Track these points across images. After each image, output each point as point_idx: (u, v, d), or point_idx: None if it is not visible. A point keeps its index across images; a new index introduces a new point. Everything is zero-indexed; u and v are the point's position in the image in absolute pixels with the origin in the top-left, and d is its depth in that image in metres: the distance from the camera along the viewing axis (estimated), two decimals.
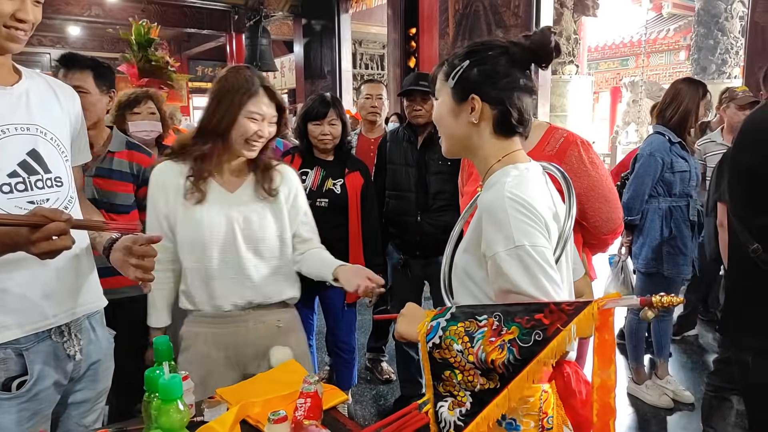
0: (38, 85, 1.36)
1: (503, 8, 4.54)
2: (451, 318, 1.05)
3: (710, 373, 2.42)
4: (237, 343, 1.63)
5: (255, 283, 1.61)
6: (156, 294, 1.65)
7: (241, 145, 1.56)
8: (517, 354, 0.95)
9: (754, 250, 1.64)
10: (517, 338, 0.96)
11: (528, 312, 0.97)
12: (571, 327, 0.94)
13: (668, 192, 2.87)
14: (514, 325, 0.97)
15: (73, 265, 1.36)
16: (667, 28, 14.55)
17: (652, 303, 0.92)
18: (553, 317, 0.95)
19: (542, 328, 0.95)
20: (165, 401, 1.08)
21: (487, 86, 1.14)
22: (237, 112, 1.53)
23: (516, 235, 1.04)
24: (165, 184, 1.60)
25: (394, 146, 2.88)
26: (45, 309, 1.29)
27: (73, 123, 1.43)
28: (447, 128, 1.22)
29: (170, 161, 1.62)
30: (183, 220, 1.58)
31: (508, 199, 1.06)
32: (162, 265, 1.62)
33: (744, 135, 1.72)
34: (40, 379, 1.28)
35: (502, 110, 1.14)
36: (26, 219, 1.09)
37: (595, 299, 0.96)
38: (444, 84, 1.21)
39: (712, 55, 8.29)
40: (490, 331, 0.99)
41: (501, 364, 0.96)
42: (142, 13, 9.70)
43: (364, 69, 10.74)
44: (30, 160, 1.27)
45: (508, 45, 1.16)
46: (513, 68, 1.15)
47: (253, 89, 1.55)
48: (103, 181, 2.07)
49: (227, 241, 1.58)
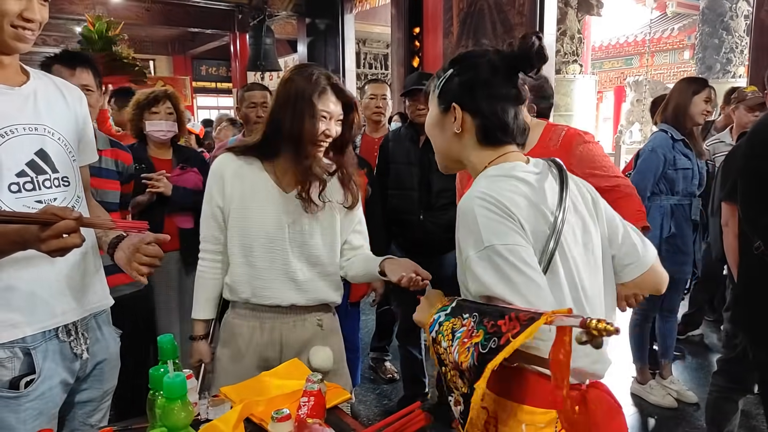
0: (46, 86, 1.37)
1: (508, 7, 4.53)
2: (450, 313, 1.03)
3: (715, 373, 2.42)
4: (275, 340, 1.62)
5: (299, 286, 1.60)
6: (201, 284, 1.67)
7: (309, 145, 1.55)
8: (476, 360, 0.91)
9: (756, 247, 1.64)
10: (480, 342, 0.91)
11: (494, 316, 0.93)
12: (519, 339, 0.85)
13: (671, 190, 2.87)
14: (481, 328, 0.93)
15: (81, 263, 1.37)
16: (672, 27, 14.50)
17: (586, 326, 0.81)
18: (510, 325, 0.89)
19: (498, 336, 0.89)
20: (169, 399, 1.08)
21: (466, 96, 1.13)
22: (312, 116, 1.51)
23: (485, 235, 1.00)
24: (223, 175, 1.60)
25: (397, 145, 2.89)
26: (53, 307, 1.30)
27: (80, 123, 1.44)
28: (435, 140, 1.23)
29: (231, 153, 1.62)
30: (235, 214, 1.59)
31: (476, 199, 1.04)
32: (210, 255, 1.66)
33: (754, 136, 1.72)
34: (47, 378, 1.29)
35: (483, 120, 1.12)
36: (36, 216, 1.11)
37: (545, 313, 0.87)
38: (433, 94, 1.21)
39: (716, 54, 8.25)
40: (466, 332, 0.96)
41: (466, 367, 0.93)
42: (146, 12, 9.73)
43: (367, 68, 10.74)
44: (38, 160, 1.29)
45: (491, 53, 1.14)
46: (495, 77, 1.12)
47: (320, 88, 1.53)
48: (95, 180, 2.05)
49: (275, 241, 1.58)
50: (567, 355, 0.85)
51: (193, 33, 12.36)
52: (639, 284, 1.21)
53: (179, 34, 13.22)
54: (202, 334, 1.68)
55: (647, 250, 1.20)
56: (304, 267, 1.61)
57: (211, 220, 1.63)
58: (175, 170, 2.60)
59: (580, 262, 1.10)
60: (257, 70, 8.07)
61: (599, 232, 1.16)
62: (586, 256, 1.12)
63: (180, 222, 2.58)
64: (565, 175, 1.12)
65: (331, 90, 1.56)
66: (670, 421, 2.94)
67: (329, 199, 1.62)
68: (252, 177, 1.59)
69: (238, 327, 1.64)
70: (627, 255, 1.18)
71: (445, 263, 2.79)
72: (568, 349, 0.84)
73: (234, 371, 1.60)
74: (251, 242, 1.58)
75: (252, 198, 1.58)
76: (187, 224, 2.59)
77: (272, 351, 1.62)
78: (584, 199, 1.16)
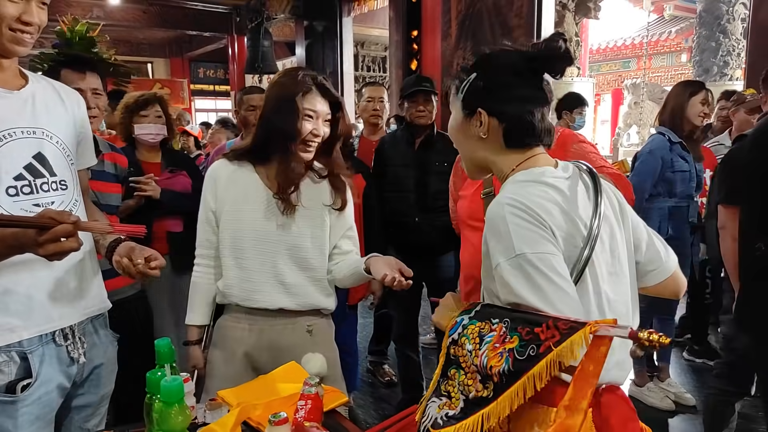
0: (44, 89, 1.37)
1: (506, 10, 4.54)
2: (474, 316, 1.03)
3: (713, 376, 2.42)
4: (264, 343, 1.62)
5: (288, 289, 1.60)
6: (196, 289, 1.67)
7: (297, 146, 1.55)
8: (511, 365, 0.90)
9: (757, 248, 1.64)
10: (515, 349, 0.91)
11: (530, 323, 0.93)
12: (562, 348, 0.86)
13: (669, 192, 2.88)
14: (515, 335, 0.92)
15: (78, 267, 1.37)
16: (669, 30, 14.54)
17: (638, 338, 0.81)
18: (548, 333, 0.88)
19: (537, 344, 0.89)
20: (167, 403, 1.08)
21: (492, 99, 1.10)
22: (300, 115, 1.52)
23: (516, 243, 0.99)
24: (216, 180, 1.62)
25: (393, 148, 2.91)
26: (50, 311, 1.30)
27: (78, 126, 1.44)
28: (460, 146, 1.20)
29: (224, 159, 1.65)
30: (227, 216, 1.60)
31: (507, 206, 1.02)
32: (205, 260, 1.67)
33: (756, 138, 1.72)
34: (44, 382, 1.28)
35: (509, 123, 1.10)
36: (34, 220, 1.10)
37: (589, 322, 0.87)
38: (455, 97, 1.18)
39: (714, 57, 8.27)
40: (497, 337, 0.95)
41: (497, 372, 0.92)
42: (143, 14, 9.73)
43: (366, 71, 10.74)
44: (36, 164, 1.29)
45: (515, 55, 1.12)
46: (520, 79, 1.10)
47: (305, 87, 1.54)
48: (98, 183, 2.07)
49: (265, 244, 1.58)
50: (598, 366, 0.84)
51: (190, 35, 12.37)
52: (660, 290, 1.22)
53: (177, 36, 13.21)
54: (196, 340, 1.68)
55: (669, 257, 1.21)
56: (294, 270, 1.61)
57: (205, 225, 1.65)
58: (165, 173, 2.59)
59: (606, 270, 1.08)
60: (255, 73, 8.07)
61: (625, 238, 1.14)
62: (612, 263, 1.10)
63: (169, 225, 2.57)
64: (599, 182, 1.11)
65: (317, 89, 1.56)
66: (668, 423, 2.94)
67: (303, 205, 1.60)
68: (244, 181, 1.61)
69: (229, 329, 1.64)
70: (651, 261, 1.19)
71: (442, 265, 2.80)
72: (601, 361, 0.84)
73: (225, 373, 1.60)
74: (242, 244, 1.58)
75: (244, 201, 1.59)
76: (177, 228, 2.59)
77: (262, 354, 1.62)
78: (611, 204, 1.15)
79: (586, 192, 1.10)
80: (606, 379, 1.02)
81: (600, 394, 1.02)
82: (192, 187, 2.63)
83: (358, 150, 3.31)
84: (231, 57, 10.39)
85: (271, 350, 1.62)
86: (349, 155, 2.75)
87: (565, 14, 7.19)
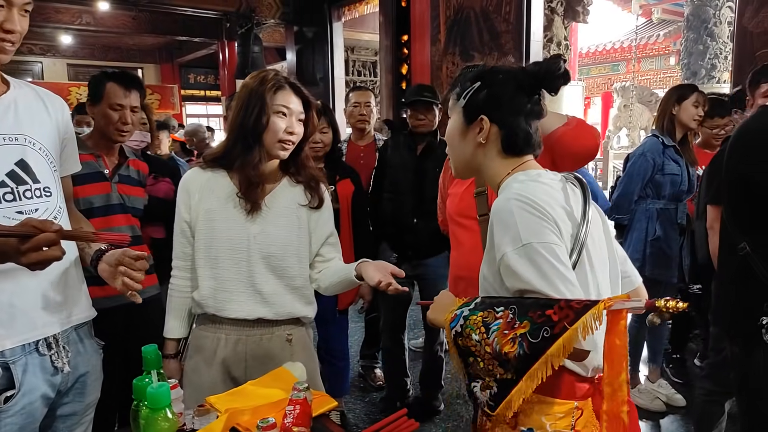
0: (26, 95, 1.35)
1: (494, 15, 4.56)
2: (474, 308, 1.08)
3: (702, 377, 2.44)
4: (240, 354, 1.58)
5: (266, 298, 1.56)
6: (172, 302, 1.64)
7: (274, 145, 1.53)
8: (526, 349, 0.96)
9: (741, 248, 1.66)
10: (528, 333, 0.96)
11: (540, 307, 0.98)
12: (578, 326, 0.92)
13: (657, 194, 2.90)
14: (526, 320, 0.98)
15: (63, 276, 1.35)
16: (657, 33, 14.67)
17: (656, 307, 0.88)
18: (562, 314, 0.94)
19: (550, 325, 0.94)
20: (153, 410, 1.07)
21: (494, 108, 1.19)
22: (268, 109, 1.50)
23: (523, 233, 1.05)
24: (189, 189, 1.59)
25: (395, 151, 3.01)
26: (33, 320, 1.28)
27: (61, 133, 1.42)
28: (455, 148, 1.28)
29: (198, 168, 1.61)
30: (201, 226, 1.56)
31: (514, 200, 1.09)
32: (181, 272, 1.63)
33: (735, 141, 1.75)
34: (28, 392, 1.26)
35: (508, 131, 1.19)
36: (16, 229, 1.09)
37: (602, 299, 0.94)
38: (456, 103, 1.26)
39: (701, 60, 8.35)
40: (504, 324, 1.00)
41: (513, 356, 0.98)
42: (133, 20, 9.70)
43: (356, 76, 10.75)
44: (18, 170, 1.26)
45: (517, 71, 1.21)
46: (520, 92, 1.19)
47: (276, 84, 1.52)
48: (126, 187, 2.16)
49: (240, 252, 1.54)
50: (623, 338, 0.92)
51: (180, 41, 12.35)
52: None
53: (167, 42, 13.19)
54: (173, 353, 1.64)
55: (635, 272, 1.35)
56: (270, 279, 1.57)
57: (180, 236, 1.61)
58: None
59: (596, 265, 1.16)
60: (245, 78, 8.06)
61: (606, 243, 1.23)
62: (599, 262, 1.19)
63: (152, 232, 2.59)
64: (586, 189, 1.19)
65: (289, 87, 1.55)
66: (659, 424, 2.95)
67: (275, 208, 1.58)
68: (218, 188, 1.57)
69: (203, 339, 1.60)
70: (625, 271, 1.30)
71: (433, 264, 2.87)
72: (624, 334, 0.91)
73: (199, 383, 1.56)
74: (216, 254, 1.55)
75: (218, 209, 1.55)
76: (159, 234, 2.60)
77: (239, 364, 1.59)
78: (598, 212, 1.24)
79: (576, 195, 1.18)
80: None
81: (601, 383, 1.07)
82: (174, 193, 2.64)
83: (345, 155, 3.32)
84: (221, 62, 10.38)
85: (248, 360, 1.58)
86: (338, 160, 2.77)
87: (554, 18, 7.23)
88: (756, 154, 1.64)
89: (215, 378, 1.57)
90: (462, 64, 4.89)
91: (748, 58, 3.78)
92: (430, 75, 5.21)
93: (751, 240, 1.64)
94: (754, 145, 1.66)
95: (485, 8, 4.62)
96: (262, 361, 1.58)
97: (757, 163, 1.62)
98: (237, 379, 1.58)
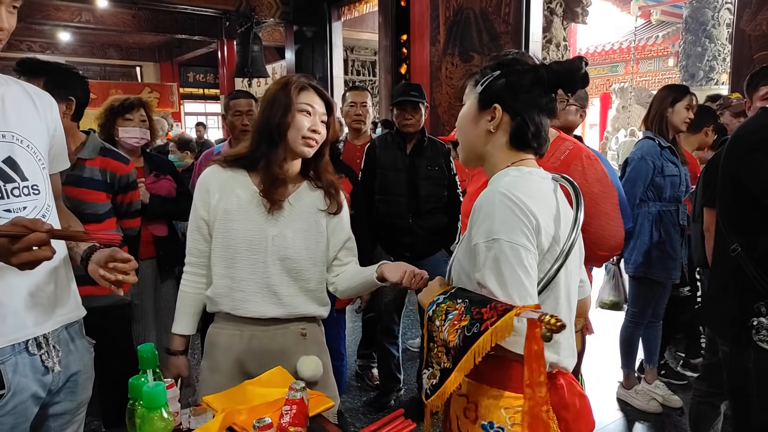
0: (14, 92, 1.33)
1: (493, 16, 4.57)
2: (448, 296, 1.12)
3: (697, 378, 2.44)
4: (254, 349, 1.59)
5: (281, 299, 1.57)
6: (183, 299, 1.64)
7: (297, 141, 1.53)
8: (461, 341, 1.01)
9: (733, 249, 1.67)
10: (466, 327, 1.02)
11: (481, 304, 1.03)
12: (493, 331, 0.97)
13: (658, 196, 2.90)
14: (468, 314, 1.03)
15: (52, 275, 1.33)
16: (656, 35, 14.69)
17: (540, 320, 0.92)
18: (490, 314, 0.99)
19: (481, 322, 0.99)
20: (149, 409, 1.07)
21: (509, 97, 1.17)
22: (292, 107, 1.52)
23: (497, 228, 1.06)
24: (209, 187, 1.58)
25: (384, 152, 2.97)
26: (23, 319, 1.26)
27: (50, 130, 1.40)
28: (465, 134, 1.26)
29: (217, 165, 1.61)
30: (219, 225, 1.56)
31: (499, 193, 1.09)
32: (193, 268, 1.63)
33: (732, 142, 1.75)
34: (17, 392, 1.25)
35: (519, 122, 1.17)
36: (6, 229, 1.08)
37: (517, 306, 0.99)
38: (472, 90, 1.24)
39: (700, 62, 8.38)
40: (457, 315, 1.05)
41: (453, 346, 1.03)
42: (132, 19, 9.70)
43: (355, 75, 10.76)
44: (6, 168, 1.25)
45: (538, 65, 1.19)
46: (538, 87, 1.17)
47: (300, 85, 1.54)
48: (73, 189, 2.03)
49: (257, 253, 1.55)
50: (540, 344, 0.95)
51: (180, 40, 12.35)
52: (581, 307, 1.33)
53: (166, 40, 13.19)
54: (181, 350, 1.65)
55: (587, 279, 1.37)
56: (285, 280, 1.58)
57: (196, 233, 1.61)
58: (149, 177, 2.58)
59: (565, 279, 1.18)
60: (245, 77, 8.07)
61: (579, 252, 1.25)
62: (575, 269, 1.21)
63: (155, 230, 2.57)
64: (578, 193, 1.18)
65: (312, 89, 1.57)
66: (655, 425, 2.95)
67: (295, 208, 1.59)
68: (238, 188, 1.57)
69: (219, 337, 1.61)
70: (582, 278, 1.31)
71: (431, 263, 2.87)
72: (540, 340, 0.95)
73: (215, 382, 1.57)
74: (234, 254, 1.55)
75: (237, 209, 1.56)
76: (162, 232, 2.59)
77: (253, 360, 1.60)
78: None
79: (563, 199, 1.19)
80: (562, 365, 1.16)
81: (556, 378, 1.14)
82: (177, 191, 2.64)
83: (342, 154, 3.32)
84: (221, 61, 10.38)
85: (263, 355, 1.59)
86: (336, 159, 2.77)
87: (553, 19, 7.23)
88: (751, 154, 1.64)
89: (231, 375, 1.58)
90: (461, 64, 4.91)
91: (745, 61, 3.80)
92: (429, 75, 5.22)
93: (744, 241, 1.65)
94: (750, 146, 1.66)
95: (485, 9, 4.63)
96: (277, 356, 1.59)
97: (751, 163, 1.62)
98: (252, 375, 1.57)
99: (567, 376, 1.17)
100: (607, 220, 1.78)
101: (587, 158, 1.78)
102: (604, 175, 1.81)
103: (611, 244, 1.82)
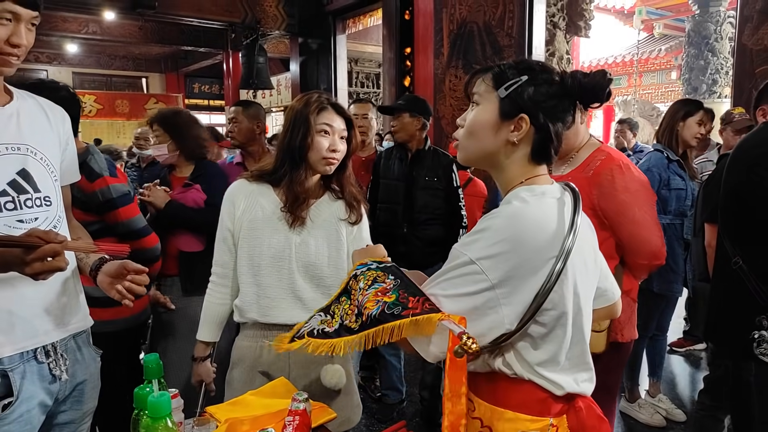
0: (29, 106, 1.37)
1: (497, 29, 4.60)
2: (381, 267, 1.14)
3: (701, 392, 2.43)
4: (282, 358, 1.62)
5: (306, 305, 1.62)
6: (208, 308, 1.71)
7: (319, 162, 1.61)
8: (378, 314, 1.03)
9: (734, 262, 1.68)
10: (389, 304, 1.03)
11: (410, 292, 1.05)
12: (413, 320, 0.99)
13: (663, 210, 2.90)
14: (395, 294, 1.05)
15: (62, 285, 1.36)
16: (659, 48, 14.74)
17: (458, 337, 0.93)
18: (414, 305, 1.01)
19: (403, 308, 1.01)
20: (154, 419, 1.08)
21: (539, 109, 1.08)
22: (311, 130, 1.59)
23: (477, 247, 1.02)
24: (234, 200, 1.66)
25: (387, 162, 3.08)
26: (33, 327, 1.29)
27: (62, 143, 1.44)
28: (479, 141, 1.13)
29: (244, 180, 1.69)
30: (245, 234, 1.64)
31: (503, 220, 1.04)
32: (219, 279, 1.71)
33: (734, 155, 1.77)
34: (25, 400, 1.27)
35: (544, 136, 1.10)
36: (21, 239, 1.10)
37: (443, 312, 1.01)
38: (491, 92, 1.11)
39: (702, 75, 8.41)
40: (383, 288, 1.07)
41: (367, 314, 1.05)
42: (139, 30, 9.78)
43: (359, 87, 10.81)
44: (20, 180, 1.28)
45: (565, 75, 1.11)
46: (567, 100, 1.10)
47: (320, 105, 1.61)
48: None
49: (282, 260, 1.62)
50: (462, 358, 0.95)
51: (186, 51, 12.45)
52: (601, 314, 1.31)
53: (172, 52, 13.30)
54: (205, 356, 1.72)
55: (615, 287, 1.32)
56: (309, 287, 1.64)
57: (222, 244, 1.69)
58: (178, 188, 2.45)
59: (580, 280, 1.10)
60: (250, 88, 8.11)
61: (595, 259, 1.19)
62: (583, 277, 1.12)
63: (182, 244, 2.37)
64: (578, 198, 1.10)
65: (331, 108, 1.63)
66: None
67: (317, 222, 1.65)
68: (263, 201, 1.65)
69: (246, 348, 1.67)
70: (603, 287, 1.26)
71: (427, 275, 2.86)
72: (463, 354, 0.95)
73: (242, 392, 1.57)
74: (259, 261, 1.62)
75: (262, 220, 1.63)
76: (189, 247, 2.36)
77: (280, 369, 1.63)
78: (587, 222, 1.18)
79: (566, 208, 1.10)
80: (578, 390, 1.11)
81: (575, 401, 1.10)
82: (205, 202, 2.40)
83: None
84: (226, 72, 10.43)
85: (291, 366, 1.63)
86: None
87: (556, 33, 7.27)
88: (752, 169, 1.65)
89: (258, 386, 1.59)
90: (465, 77, 4.92)
91: (747, 75, 3.81)
92: (433, 88, 5.25)
93: (744, 254, 1.66)
94: (751, 161, 1.68)
95: (488, 22, 4.66)
96: (304, 364, 1.63)
97: (752, 177, 1.63)
98: None
99: (586, 399, 1.12)
100: (638, 228, 1.80)
101: (617, 168, 1.80)
102: (634, 183, 1.81)
103: (646, 251, 1.83)
